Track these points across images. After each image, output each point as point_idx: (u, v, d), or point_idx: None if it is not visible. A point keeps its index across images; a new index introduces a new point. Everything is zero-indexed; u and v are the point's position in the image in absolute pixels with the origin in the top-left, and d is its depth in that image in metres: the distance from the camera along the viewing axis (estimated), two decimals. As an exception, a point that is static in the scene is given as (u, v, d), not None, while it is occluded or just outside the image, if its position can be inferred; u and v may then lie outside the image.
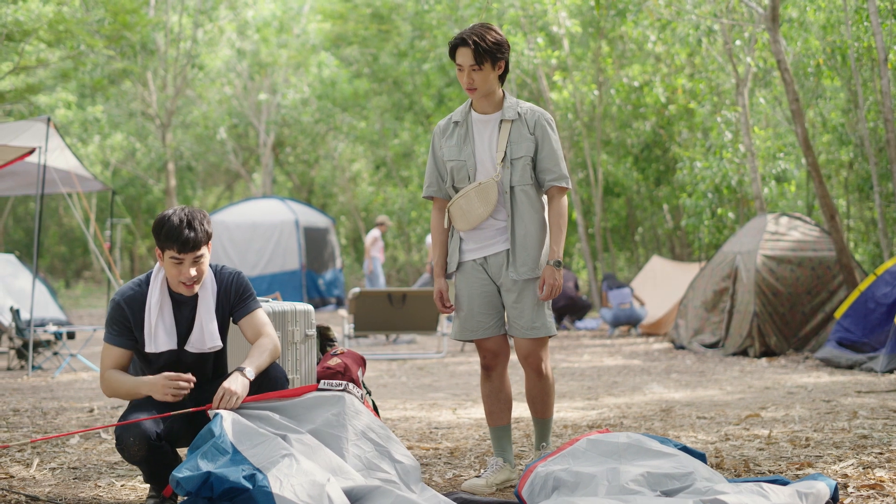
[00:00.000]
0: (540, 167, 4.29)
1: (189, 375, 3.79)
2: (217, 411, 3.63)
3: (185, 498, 3.42)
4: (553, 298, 4.29)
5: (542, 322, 4.29)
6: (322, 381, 4.00)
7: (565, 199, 4.33)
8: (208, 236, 3.88)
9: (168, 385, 3.75)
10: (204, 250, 3.88)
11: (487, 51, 4.19)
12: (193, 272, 3.85)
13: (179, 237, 3.80)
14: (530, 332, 4.29)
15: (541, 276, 4.26)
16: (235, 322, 4.03)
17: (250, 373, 3.78)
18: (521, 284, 4.28)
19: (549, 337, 4.36)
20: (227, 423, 3.56)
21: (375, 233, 17.80)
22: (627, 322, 13.41)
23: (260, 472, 3.39)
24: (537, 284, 4.28)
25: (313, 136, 26.62)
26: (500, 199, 4.29)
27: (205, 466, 3.39)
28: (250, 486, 3.33)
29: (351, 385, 4.00)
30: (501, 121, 4.30)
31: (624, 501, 3.45)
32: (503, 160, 4.27)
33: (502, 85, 4.34)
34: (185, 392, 3.78)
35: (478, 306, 4.36)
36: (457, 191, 4.35)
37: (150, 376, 3.83)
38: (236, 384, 3.71)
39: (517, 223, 4.28)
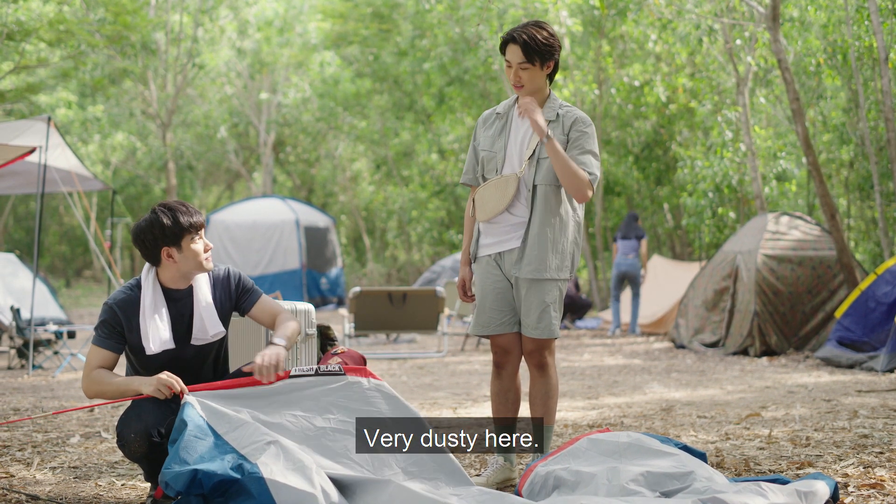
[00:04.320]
0: None
1: (181, 385, 3.73)
2: (185, 400, 3.59)
3: (178, 498, 3.39)
4: (526, 115, 4.20)
5: (547, 324, 4.28)
6: (294, 368, 3.91)
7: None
8: None
9: (163, 384, 3.70)
10: None
11: (537, 50, 4.19)
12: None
13: (193, 217, 3.90)
14: (533, 332, 4.30)
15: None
16: (245, 314, 4.06)
17: (281, 340, 3.85)
18: (529, 283, 4.28)
19: (553, 340, 4.36)
20: (197, 408, 3.53)
21: None
22: (626, 274, 13.01)
23: (246, 460, 3.36)
24: (545, 286, 4.27)
25: (314, 136, 26.62)
26: (518, 195, 4.29)
27: (188, 459, 3.36)
28: (239, 476, 3.31)
29: (322, 367, 3.91)
30: None
31: (624, 501, 3.45)
32: (531, 157, 4.27)
33: (550, 84, 4.34)
34: (173, 392, 3.75)
35: (490, 302, 4.36)
36: (484, 181, 4.38)
37: (146, 377, 3.80)
38: (272, 353, 3.77)
39: (534, 221, 4.27)
